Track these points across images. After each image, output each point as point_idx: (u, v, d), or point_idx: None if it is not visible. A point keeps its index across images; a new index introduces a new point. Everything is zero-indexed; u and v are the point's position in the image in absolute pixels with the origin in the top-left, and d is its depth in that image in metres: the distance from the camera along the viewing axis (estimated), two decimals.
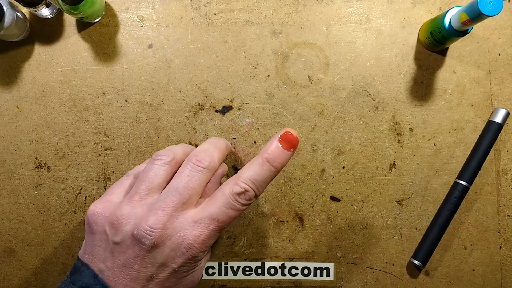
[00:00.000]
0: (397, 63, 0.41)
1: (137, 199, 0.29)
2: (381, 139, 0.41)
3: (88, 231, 0.29)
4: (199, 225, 0.28)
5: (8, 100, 0.40)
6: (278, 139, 0.29)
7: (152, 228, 0.27)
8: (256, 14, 0.41)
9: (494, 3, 0.31)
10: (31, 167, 0.40)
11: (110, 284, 0.27)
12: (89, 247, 0.29)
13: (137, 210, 0.28)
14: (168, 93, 0.41)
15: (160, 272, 0.27)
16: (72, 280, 0.28)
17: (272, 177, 0.29)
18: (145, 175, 0.29)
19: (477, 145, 0.40)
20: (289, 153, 0.29)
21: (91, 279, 0.27)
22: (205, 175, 0.29)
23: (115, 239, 0.27)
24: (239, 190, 0.28)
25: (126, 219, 0.27)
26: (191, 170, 0.29)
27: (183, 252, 0.27)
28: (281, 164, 0.29)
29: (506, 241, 0.41)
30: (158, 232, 0.27)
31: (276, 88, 0.41)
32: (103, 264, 0.27)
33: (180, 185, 0.28)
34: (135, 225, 0.27)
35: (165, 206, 0.27)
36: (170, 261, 0.27)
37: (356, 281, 0.41)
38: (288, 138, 0.29)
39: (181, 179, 0.29)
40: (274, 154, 0.28)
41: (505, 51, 0.41)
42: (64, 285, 0.28)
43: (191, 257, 0.28)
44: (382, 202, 0.41)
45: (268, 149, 0.29)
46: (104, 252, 0.28)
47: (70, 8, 0.35)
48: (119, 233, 0.27)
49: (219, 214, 0.28)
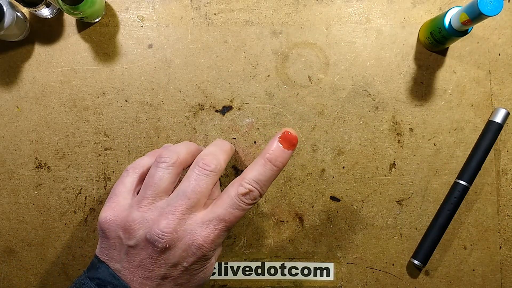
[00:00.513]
0: (397, 63, 0.41)
1: (145, 204, 0.30)
2: (381, 139, 0.41)
3: (102, 236, 0.30)
4: (208, 226, 0.29)
5: (8, 100, 0.40)
6: (278, 139, 0.30)
7: (164, 231, 0.28)
8: (256, 14, 0.41)
9: (494, 3, 0.31)
10: (31, 167, 0.40)
11: (127, 281, 0.28)
12: (104, 249, 0.30)
13: (148, 214, 0.29)
14: (168, 93, 0.41)
15: (173, 271, 0.29)
16: (89, 275, 0.29)
17: (274, 176, 0.30)
18: (151, 180, 0.30)
19: (477, 145, 0.40)
20: (289, 152, 0.30)
21: (108, 275, 0.29)
22: (212, 178, 0.30)
23: (129, 243, 0.29)
24: (244, 191, 0.29)
25: (138, 224, 0.29)
26: (198, 174, 0.30)
27: (193, 252, 0.29)
28: (282, 163, 0.30)
29: (506, 241, 0.41)
30: (169, 235, 0.28)
31: (276, 88, 0.41)
32: (119, 264, 0.29)
33: (188, 189, 0.29)
34: (147, 229, 0.29)
35: (174, 210, 0.29)
36: (182, 260, 0.29)
37: (356, 281, 0.41)
38: (288, 138, 0.30)
39: (189, 183, 0.30)
40: (276, 154, 0.30)
41: (505, 51, 0.41)
42: (81, 279, 0.29)
43: (201, 256, 0.29)
44: (382, 202, 0.41)
45: (269, 149, 0.30)
46: (119, 254, 0.29)
47: (70, 8, 0.35)
48: (133, 237, 0.29)
49: (226, 215, 0.29)
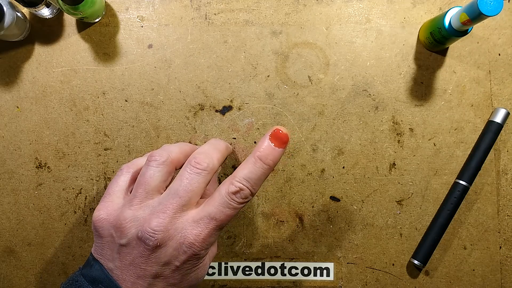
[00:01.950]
0: (397, 63, 0.41)
1: (137, 203, 0.30)
2: (381, 139, 0.41)
3: (96, 234, 0.31)
4: (199, 224, 0.29)
5: (8, 100, 0.40)
6: (268, 137, 0.30)
7: (155, 230, 0.28)
8: (256, 14, 0.41)
9: (494, 3, 0.31)
10: (31, 167, 0.40)
11: (119, 281, 0.29)
12: (98, 248, 0.30)
13: (139, 213, 0.29)
14: (168, 93, 0.41)
15: (164, 270, 0.29)
16: (83, 272, 0.30)
17: (266, 175, 0.30)
18: (142, 178, 0.30)
19: (477, 145, 0.40)
20: (280, 150, 0.30)
21: (101, 274, 0.29)
22: (204, 177, 0.30)
23: (121, 241, 0.29)
24: (235, 189, 0.29)
25: (130, 223, 0.29)
26: (190, 172, 0.30)
27: (184, 251, 0.29)
28: (273, 161, 0.30)
29: (506, 241, 0.41)
30: (160, 233, 0.28)
31: (276, 88, 0.41)
32: (111, 263, 0.29)
33: (180, 188, 0.29)
34: (139, 227, 0.29)
35: (166, 208, 0.29)
36: (173, 259, 0.29)
37: (356, 281, 0.41)
38: (278, 136, 0.30)
39: (181, 181, 0.30)
40: (266, 152, 0.30)
41: (505, 51, 0.41)
42: (75, 276, 0.30)
43: (193, 254, 0.29)
44: (382, 202, 0.41)
45: (260, 148, 0.30)
46: (112, 253, 0.30)
47: (70, 8, 0.35)
48: (125, 236, 0.29)
49: (217, 214, 0.29)
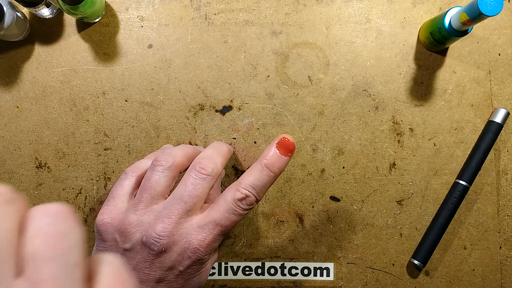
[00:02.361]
0: (397, 63, 0.41)
1: (142, 207, 0.30)
2: (381, 139, 0.41)
3: (99, 238, 0.31)
4: (204, 230, 0.29)
5: (8, 100, 0.40)
6: (275, 145, 0.30)
7: (160, 235, 0.28)
8: (256, 14, 0.41)
9: (494, 3, 0.31)
10: (31, 167, 0.40)
11: None
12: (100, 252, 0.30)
13: (144, 218, 0.29)
14: (168, 93, 0.41)
15: (168, 275, 0.29)
16: None
17: (271, 182, 0.30)
18: (147, 183, 0.30)
19: (477, 145, 0.40)
20: (286, 158, 0.30)
21: None
22: (208, 182, 0.30)
23: (125, 246, 0.29)
24: (240, 196, 0.29)
25: (135, 227, 0.29)
26: (195, 178, 0.30)
27: (189, 256, 0.29)
28: (279, 169, 0.30)
29: (506, 241, 0.41)
30: (165, 239, 0.28)
31: (276, 88, 0.41)
32: None
33: (185, 193, 0.29)
34: (143, 232, 0.29)
35: (171, 214, 0.29)
36: (177, 264, 0.29)
37: (356, 281, 0.41)
38: (285, 144, 0.30)
39: (185, 187, 0.30)
40: (272, 160, 0.30)
41: (505, 51, 0.41)
42: None
43: (197, 259, 0.29)
44: (382, 202, 0.41)
45: (267, 155, 0.30)
46: None
47: (70, 8, 0.35)
48: (129, 241, 0.29)
49: (222, 219, 0.29)
